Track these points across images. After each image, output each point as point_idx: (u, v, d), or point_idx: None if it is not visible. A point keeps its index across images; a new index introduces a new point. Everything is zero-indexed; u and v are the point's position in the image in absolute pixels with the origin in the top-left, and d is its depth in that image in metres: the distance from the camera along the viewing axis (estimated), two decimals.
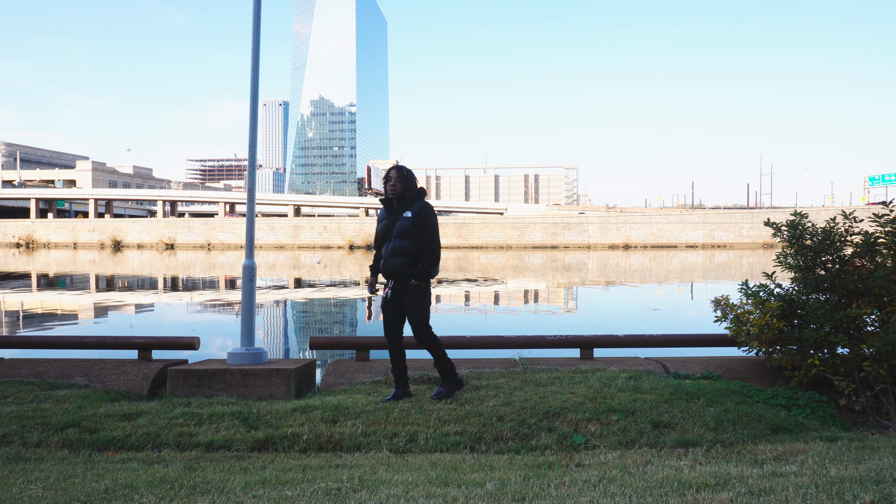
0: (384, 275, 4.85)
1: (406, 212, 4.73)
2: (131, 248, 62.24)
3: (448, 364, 4.88)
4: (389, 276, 4.79)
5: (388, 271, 4.77)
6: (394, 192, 4.76)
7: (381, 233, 4.83)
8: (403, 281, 4.74)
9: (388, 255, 4.74)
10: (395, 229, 4.72)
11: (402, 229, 4.70)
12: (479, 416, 4.41)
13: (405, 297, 4.76)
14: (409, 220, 4.70)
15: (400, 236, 4.70)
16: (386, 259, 4.75)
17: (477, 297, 18.01)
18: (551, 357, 6.24)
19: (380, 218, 4.90)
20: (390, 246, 4.73)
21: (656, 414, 4.41)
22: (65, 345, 6.27)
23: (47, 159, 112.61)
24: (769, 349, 5.05)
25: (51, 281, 25.36)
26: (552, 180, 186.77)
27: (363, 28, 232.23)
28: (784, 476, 2.98)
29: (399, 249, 4.70)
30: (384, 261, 4.78)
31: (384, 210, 4.88)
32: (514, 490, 2.87)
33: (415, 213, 4.71)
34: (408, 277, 4.72)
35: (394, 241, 4.72)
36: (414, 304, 4.75)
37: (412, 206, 4.74)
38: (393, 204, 4.81)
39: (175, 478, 3.20)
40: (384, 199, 4.87)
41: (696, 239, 60.85)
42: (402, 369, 4.92)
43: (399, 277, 4.73)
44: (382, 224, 4.84)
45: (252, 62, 5.92)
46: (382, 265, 4.81)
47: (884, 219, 4.84)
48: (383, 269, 4.81)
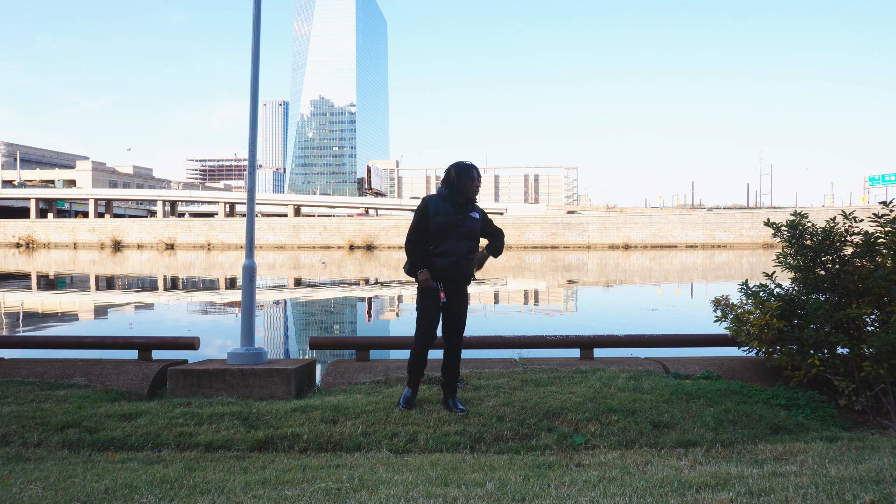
0: (447, 276, 4.46)
1: (473, 212, 4.53)
2: (131, 248, 62.23)
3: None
4: (458, 277, 4.48)
5: (459, 272, 4.46)
6: (477, 192, 4.52)
7: (443, 227, 4.41)
8: (464, 283, 4.55)
9: (461, 256, 4.45)
10: (464, 228, 4.46)
11: (475, 230, 4.52)
12: (479, 416, 4.41)
13: (459, 300, 4.54)
14: (477, 221, 4.54)
15: (472, 237, 4.50)
16: (458, 259, 4.44)
17: (477, 297, 18.01)
18: (551, 357, 6.24)
19: (439, 211, 4.45)
20: (463, 246, 4.45)
21: (656, 414, 4.41)
22: (65, 345, 6.27)
23: (47, 159, 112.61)
24: (769, 349, 5.05)
25: (51, 281, 25.36)
26: (552, 180, 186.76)
27: (363, 28, 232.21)
28: (784, 476, 2.98)
29: (472, 251, 4.51)
30: (456, 260, 4.43)
31: (447, 204, 4.46)
32: (514, 490, 2.87)
33: (481, 215, 4.60)
34: (468, 280, 4.57)
35: (465, 241, 4.46)
36: (465, 304, 4.60)
37: (476, 208, 4.59)
38: (457, 200, 4.48)
39: (175, 478, 3.20)
40: (448, 193, 4.48)
41: (696, 239, 60.85)
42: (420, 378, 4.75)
43: (464, 280, 4.52)
44: (445, 219, 4.43)
45: (252, 62, 5.92)
46: (453, 265, 4.43)
47: (884, 219, 4.85)
48: (451, 270, 4.44)
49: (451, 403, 4.60)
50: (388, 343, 6.67)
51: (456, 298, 4.53)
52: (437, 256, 4.45)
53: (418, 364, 4.64)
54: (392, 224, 63.31)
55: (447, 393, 4.66)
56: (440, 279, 4.47)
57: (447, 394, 4.66)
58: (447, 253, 4.43)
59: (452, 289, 4.50)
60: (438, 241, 4.45)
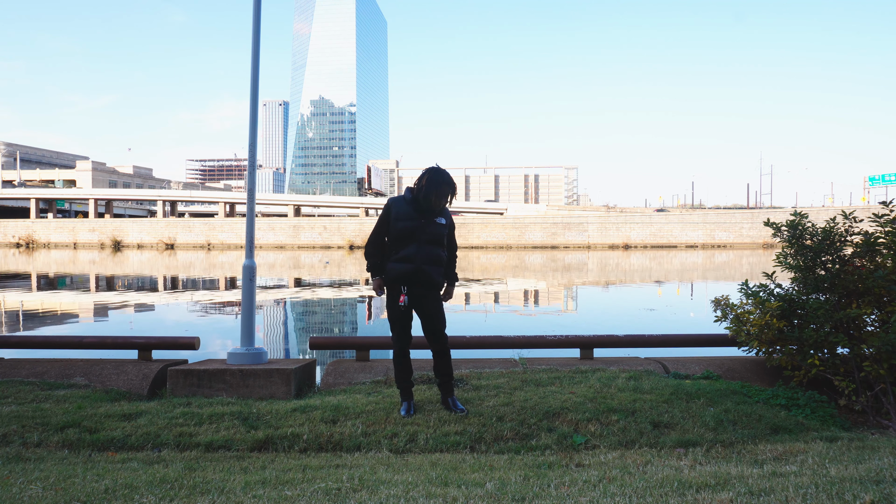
0: (408, 281, 4.39)
1: (439, 217, 4.44)
2: (131, 248, 62.22)
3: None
4: (420, 283, 4.40)
5: (421, 279, 4.38)
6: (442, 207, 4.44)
7: (405, 233, 4.36)
8: (430, 289, 4.45)
9: (422, 263, 4.35)
10: (427, 234, 4.37)
11: (439, 236, 4.42)
12: (479, 416, 4.40)
13: (426, 302, 4.45)
14: (444, 227, 4.45)
15: (436, 243, 4.41)
16: (419, 267, 4.35)
17: (477, 297, 18.01)
18: (551, 357, 6.24)
19: (401, 216, 4.39)
20: (423, 253, 4.36)
21: (656, 414, 4.41)
22: (65, 345, 6.27)
23: (47, 159, 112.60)
24: (769, 349, 5.05)
25: (51, 281, 25.36)
26: (552, 180, 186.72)
27: (363, 28, 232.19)
28: (784, 476, 2.98)
29: (436, 258, 4.41)
30: (417, 268, 4.35)
31: (410, 209, 4.39)
32: (514, 490, 2.87)
33: (448, 220, 4.53)
34: (437, 286, 4.48)
35: (427, 248, 4.37)
36: (437, 305, 4.50)
37: (445, 212, 4.50)
38: (420, 204, 4.39)
39: (175, 478, 3.20)
40: (413, 199, 4.41)
41: (696, 239, 60.85)
42: (411, 381, 4.64)
43: (430, 286, 4.43)
44: (406, 224, 4.36)
45: (252, 62, 5.92)
46: (414, 272, 4.35)
47: (884, 219, 4.84)
48: (412, 276, 4.36)
49: (451, 403, 4.59)
50: (388, 343, 6.64)
51: (424, 300, 4.44)
52: (394, 262, 4.40)
53: (401, 368, 4.58)
54: None
55: (445, 393, 4.64)
56: (399, 283, 4.40)
57: (445, 393, 4.64)
58: (406, 259, 4.36)
59: (416, 292, 4.41)
60: (399, 247, 4.39)
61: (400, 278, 4.39)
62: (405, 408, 4.55)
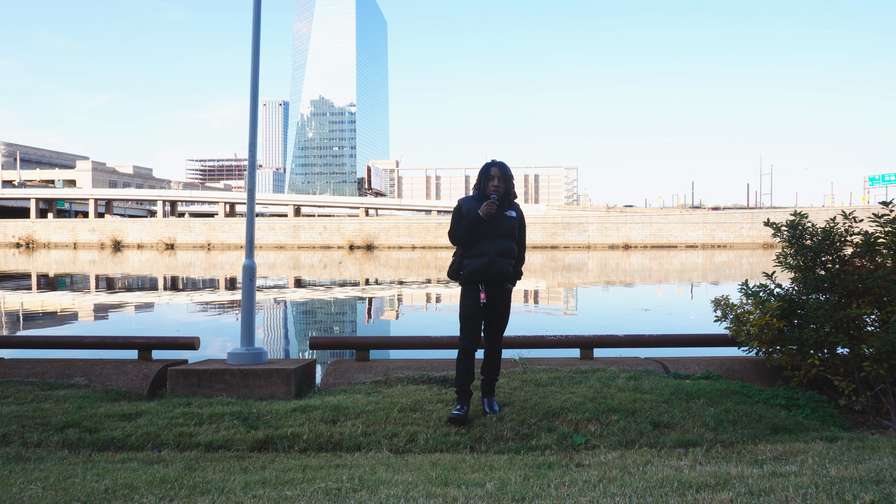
0: (482, 276, 4.37)
1: (510, 211, 4.45)
2: (131, 248, 62.23)
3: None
4: (495, 277, 4.38)
5: (495, 272, 4.36)
6: (497, 193, 4.39)
7: (476, 228, 4.36)
8: (502, 284, 4.45)
9: (495, 255, 4.35)
10: (498, 229, 4.37)
11: (510, 229, 4.42)
12: (479, 416, 4.40)
13: (499, 300, 4.44)
14: (514, 220, 4.46)
15: (507, 236, 4.41)
16: (493, 259, 4.34)
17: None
18: (551, 357, 6.24)
19: (471, 212, 4.38)
20: (497, 246, 4.36)
21: (656, 414, 4.41)
22: (65, 345, 6.27)
23: (47, 159, 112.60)
24: (769, 349, 5.05)
25: (51, 281, 25.36)
26: (552, 180, 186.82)
27: (363, 28, 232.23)
28: (784, 476, 2.98)
29: (508, 250, 4.40)
30: (490, 260, 4.33)
31: (478, 205, 4.39)
32: (514, 490, 2.87)
33: (518, 213, 4.54)
34: (509, 280, 4.48)
35: (500, 241, 4.37)
36: (507, 306, 4.51)
37: (513, 206, 4.50)
38: (484, 197, 4.43)
39: (175, 478, 3.20)
40: (478, 194, 4.44)
41: (696, 239, 60.87)
42: (469, 382, 4.46)
43: (503, 280, 4.41)
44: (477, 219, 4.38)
45: (252, 62, 5.92)
46: (487, 264, 4.34)
47: (884, 219, 4.84)
48: (486, 268, 4.34)
49: (487, 403, 4.56)
50: (388, 343, 6.68)
51: (497, 298, 4.43)
52: (470, 258, 4.41)
53: (465, 369, 4.42)
54: (392, 224, 63.32)
55: (485, 392, 4.62)
56: (476, 280, 4.39)
57: (485, 393, 4.62)
58: (480, 253, 4.37)
59: (492, 289, 4.41)
60: (472, 243, 4.41)
61: (475, 273, 4.37)
62: (460, 409, 4.37)
